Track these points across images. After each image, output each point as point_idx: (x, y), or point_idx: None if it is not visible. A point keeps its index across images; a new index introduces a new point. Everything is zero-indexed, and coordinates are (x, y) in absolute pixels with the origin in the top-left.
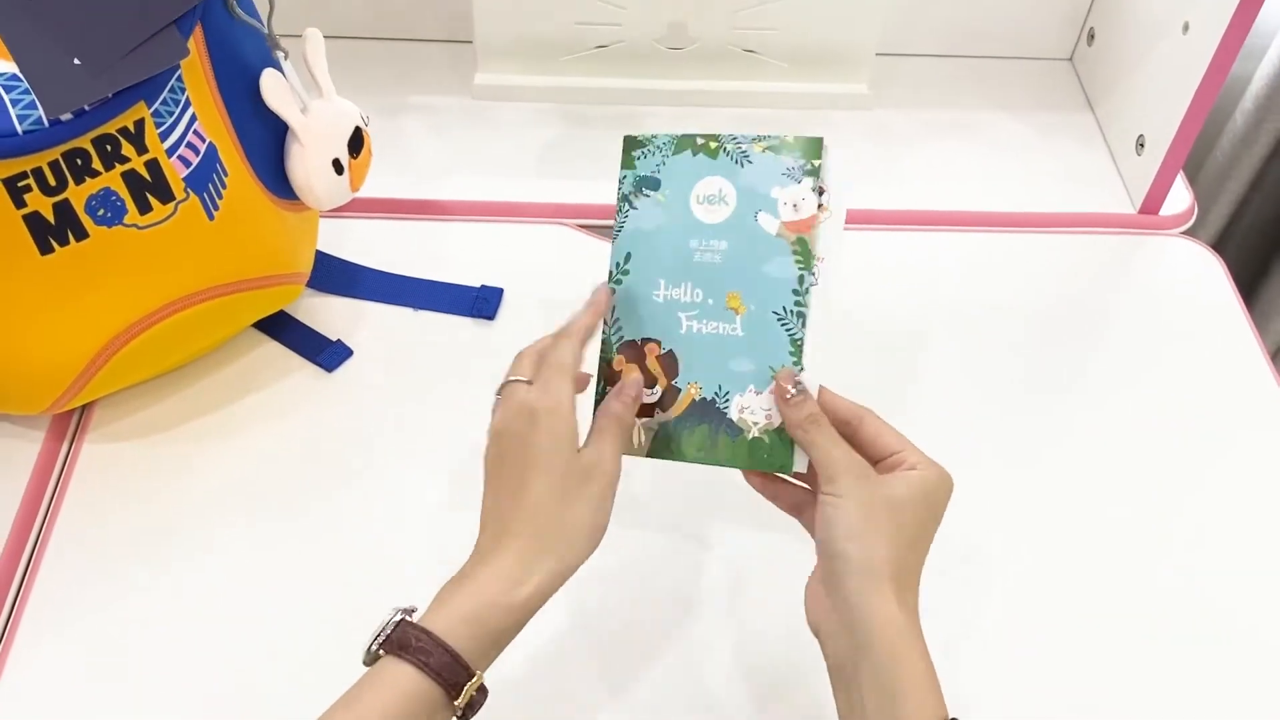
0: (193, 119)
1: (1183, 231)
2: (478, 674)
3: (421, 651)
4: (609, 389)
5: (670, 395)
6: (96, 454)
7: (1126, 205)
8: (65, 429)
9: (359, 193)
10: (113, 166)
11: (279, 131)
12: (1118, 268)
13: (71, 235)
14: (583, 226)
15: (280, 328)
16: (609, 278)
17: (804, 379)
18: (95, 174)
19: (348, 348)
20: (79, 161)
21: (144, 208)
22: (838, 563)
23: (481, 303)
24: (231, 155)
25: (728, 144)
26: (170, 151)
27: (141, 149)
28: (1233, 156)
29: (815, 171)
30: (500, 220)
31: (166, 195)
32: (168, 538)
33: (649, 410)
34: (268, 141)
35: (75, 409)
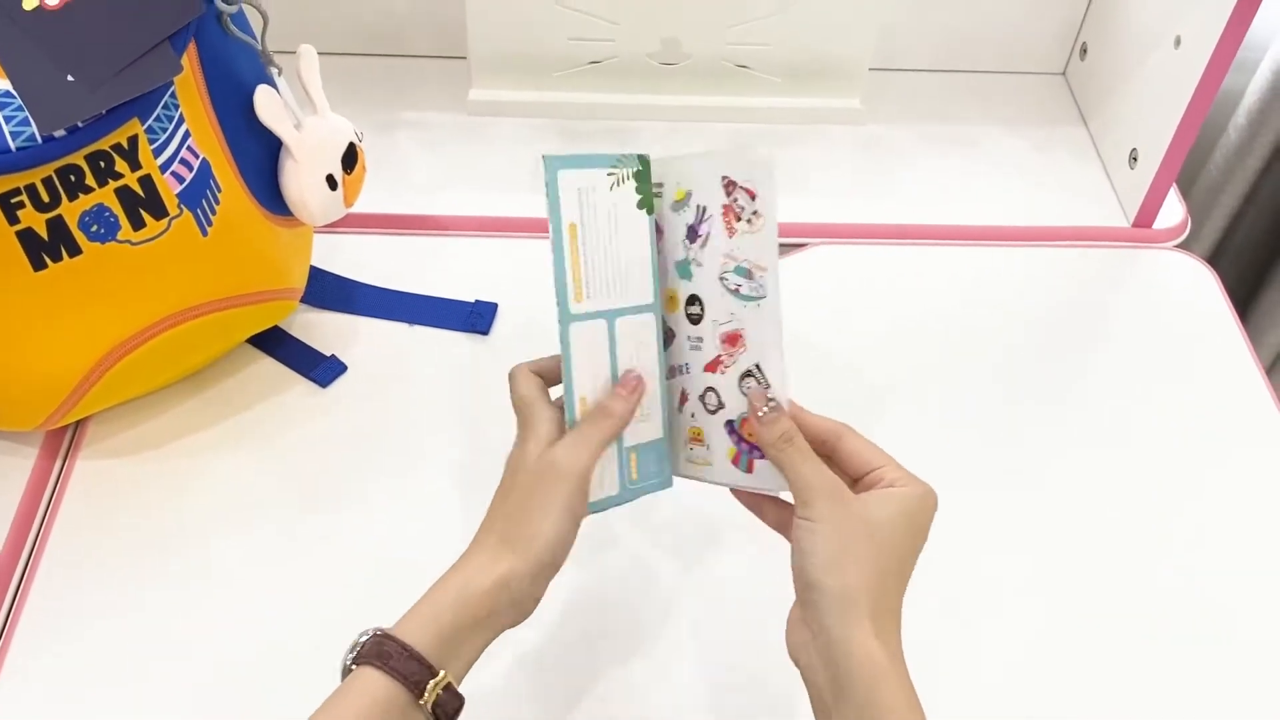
0: (186, 135)
1: (1176, 245)
2: (442, 673)
3: (386, 656)
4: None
5: None
6: (90, 470)
7: (1120, 219)
8: (59, 445)
9: (353, 208)
10: (106, 183)
11: (273, 147)
12: (1112, 281)
13: (65, 251)
14: None
15: (274, 343)
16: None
17: (775, 395)
18: (89, 190)
19: (342, 363)
20: (72, 178)
21: (137, 224)
22: (813, 594)
23: (476, 318)
24: (225, 171)
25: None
26: (164, 167)
27: (135, 165)
28: (1227, 170)
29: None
30: (495, 235)
31: (160, 211)
32: (162, 554)
33: None
34: (262, 157)
35: (69, 425)
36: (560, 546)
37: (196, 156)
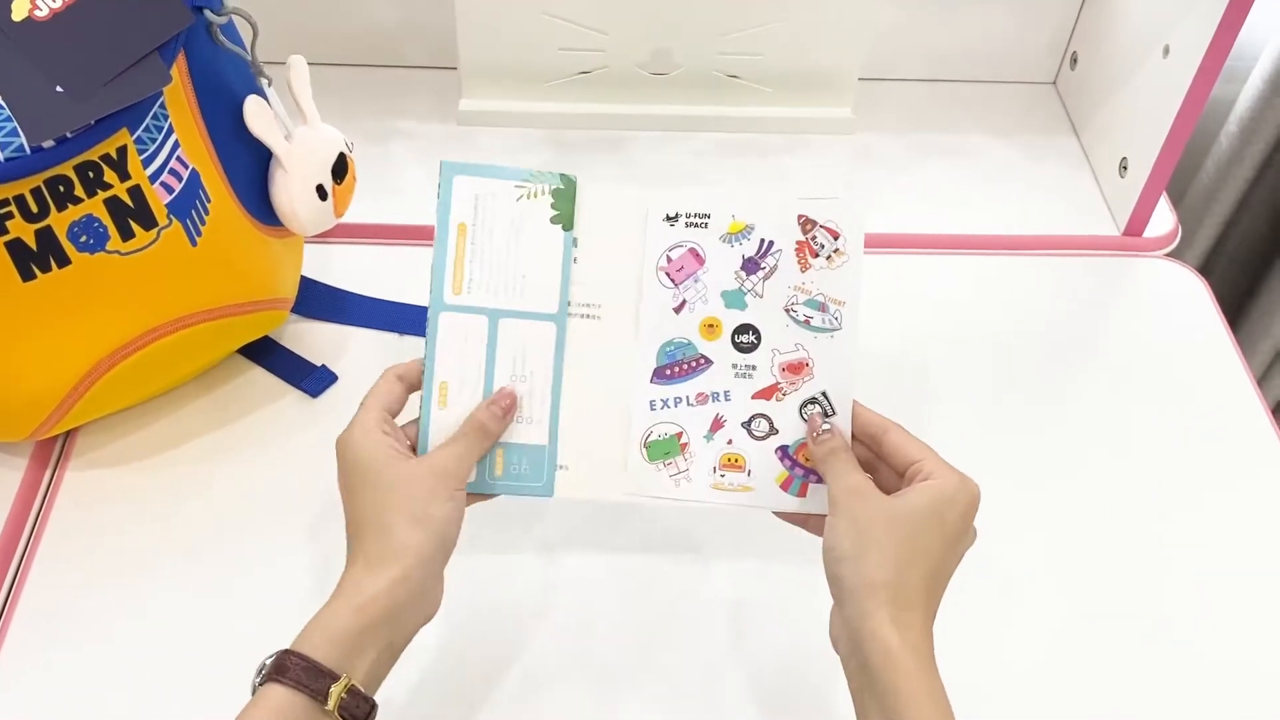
0: (175, 145)
1: (1167, 253)
2: (343, 676)
3: (284, 669)
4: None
5: None
6: (80, 481)
7: (1111, 227)
8: (48, 456)
9: (343, 218)
10: (95, 193)
11: (263, 158)
12: (1102, 289)
13: (54, 262)
14: None
15: (265, 353)
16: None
17: (838, 421)
18: (78, 201)
19: (332, 373)
20: (61, 188)
21: (127, 234)
22: (834, 586)
23: None
24: (215, 181)
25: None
26: (153, 178)
27: (124, 176)
28: (1218, 179)
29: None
30: None
31: (149, 221)
32: (153, 564)
33: None
34: (251, 168)
35: (58, 435)
36: (448, 538)
37: (186, 167)
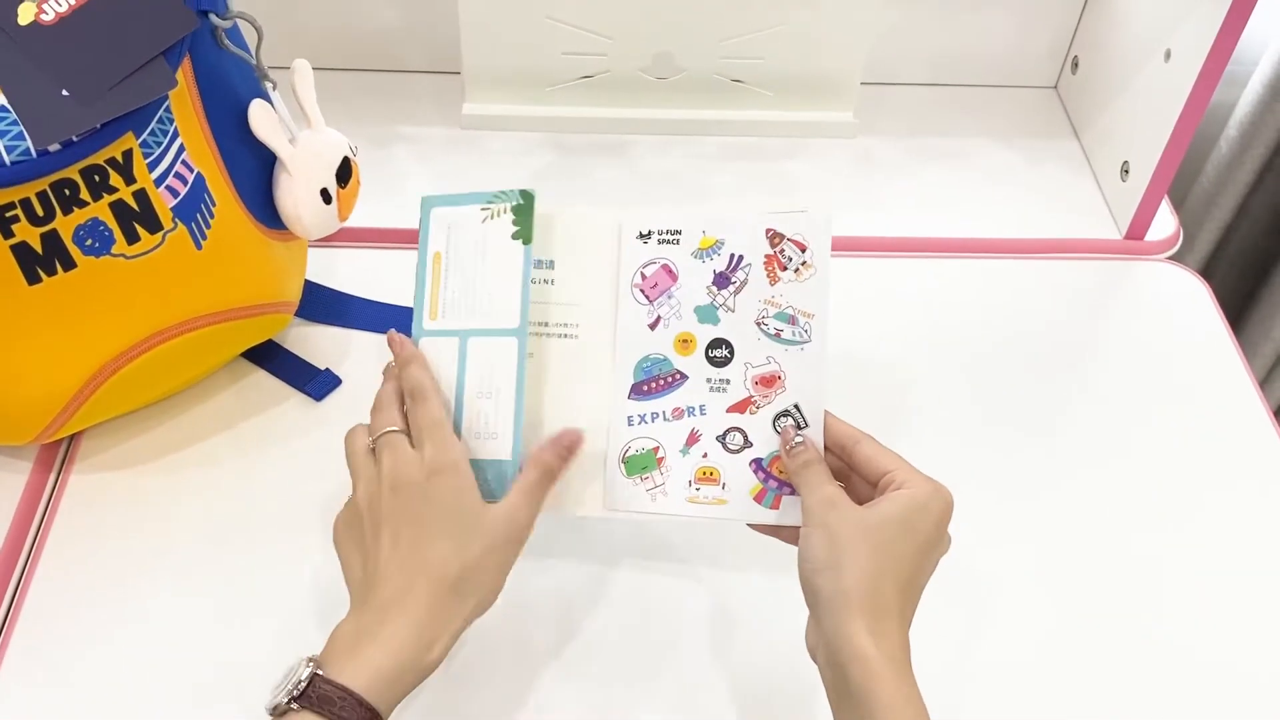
0: (181, 149)
1: (1168, 257)
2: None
3: (333, 704)
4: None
5: None
6: (85, 484)
7: (1112, 231)
8: (53, 459)
9: (348, 222)
10: (101, 197)
11: (267, 161)
12: (1104, 293)
13: (59, 265)
14: None
15: (269, 357)
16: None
17: (810, 433)
18: (83, 204)
19: (336, 377)
20: (67, 192)
21: (132, 238)
22: (810, 597)
23: None
24: (220, 185)
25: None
26: (158, 182)
27: (129, 179)
28: (1219, 183)
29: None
30: None
31: (154, 225)
32: (157, 567)
33: None
34: (256, 171)
35: (62, 439)
36: (494, 600)
37: (191, 170)
